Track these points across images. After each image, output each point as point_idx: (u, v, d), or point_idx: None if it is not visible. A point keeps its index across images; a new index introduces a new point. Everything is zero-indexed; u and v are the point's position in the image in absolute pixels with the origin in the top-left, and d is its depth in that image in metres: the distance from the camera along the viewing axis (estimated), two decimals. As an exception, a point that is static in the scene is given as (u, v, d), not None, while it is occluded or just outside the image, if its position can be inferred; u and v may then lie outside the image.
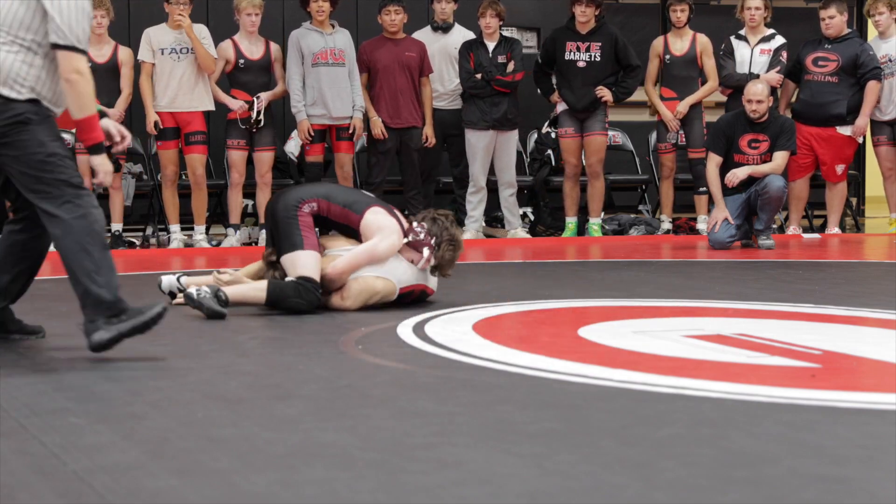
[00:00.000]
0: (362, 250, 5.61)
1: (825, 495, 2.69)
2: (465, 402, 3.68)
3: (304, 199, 5.66)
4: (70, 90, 4.36)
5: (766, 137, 8.98)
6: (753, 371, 4.17)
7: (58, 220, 4.33)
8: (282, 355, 4.56)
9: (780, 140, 8.97)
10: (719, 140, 9.08)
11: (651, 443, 3.13)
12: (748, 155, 8.99)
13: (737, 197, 8.98)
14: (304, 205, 5.64)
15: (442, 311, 5.56)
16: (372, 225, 5.66)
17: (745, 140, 8.99)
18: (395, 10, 9.53)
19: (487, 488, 2.73)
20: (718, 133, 9.14)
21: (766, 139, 8.98)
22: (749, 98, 8.95)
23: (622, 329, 5.08)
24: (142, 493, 2.73)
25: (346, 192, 5.94)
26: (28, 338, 4.81)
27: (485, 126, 9.81)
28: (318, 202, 5.69)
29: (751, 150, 8.99)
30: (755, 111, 8.91)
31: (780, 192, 8.90)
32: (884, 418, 3.45)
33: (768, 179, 8.89)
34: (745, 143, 8.99)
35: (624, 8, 12.24)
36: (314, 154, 9.64)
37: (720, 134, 9.11)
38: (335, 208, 5.71)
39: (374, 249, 5.61)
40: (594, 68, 9.87)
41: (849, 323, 5.35)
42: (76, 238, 4.30)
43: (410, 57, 9.63)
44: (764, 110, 8.93)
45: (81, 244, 4.29)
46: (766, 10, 10.11)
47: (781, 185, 8.91)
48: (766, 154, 8.99)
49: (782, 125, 9.04)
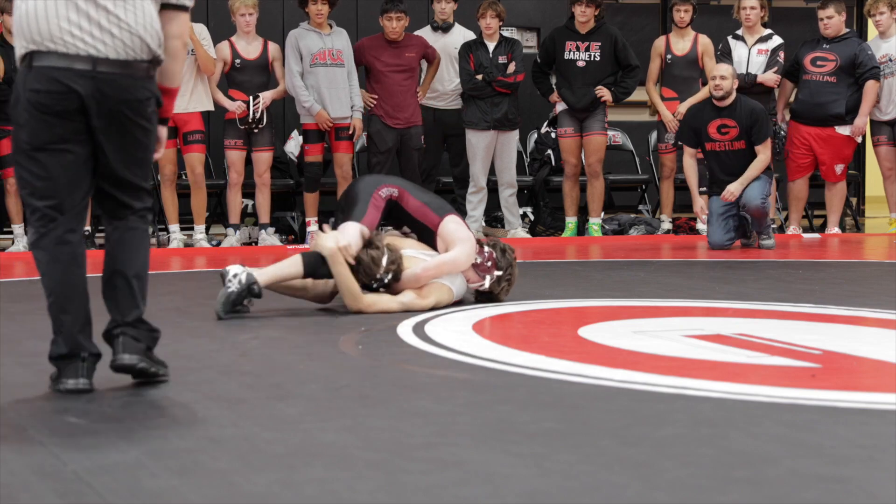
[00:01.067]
0: (449, 260, 5.66)
1: (825, 495, 2.69)
2: (464, 402, 3.68)
3: (384, 183, 5.78)
4: (179, 55, 3.90)
5: (734, 123, 8.91)
6: (753, 371, 4.17)
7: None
8: (282, 355, 4.56)
9: (755, 132, 8.86)
10: (688, 132, 9.09)
11: (651, 443, 3.13)
12: (718, 141, 8.93)
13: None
14: (383, 188, 5.75)
15: (442, 312, 5.56)
16: (454, 234, 5.72)
17: (714, 126, 8.95)
18: (396, 17, 9.50)
19: (487, 488, 2.73)
20: (685, 125, 9.17)
21: (735, 125, 8.91)
22: (713, 74, 8.98)
23: (622, 329, 5.08)
24: (142, 493, 2.73)
25: (422, 189, 6.03)
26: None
27: (485, 126, 9.81)
28: (398, 189, 5.79)
29: (720, 136, 8.94)
30: (719, 87, 8.87)
31: (760, 207, 8.83)
32: (884, 418, 3.45)
33: (745, 196, 8.84)
34: (714, 130, 8.95)
35: (624, 8, 12.24)
36: (313, 154, 9.63)
37: (686, 125, 9.15)
38: (413, 201, 5.80)
39: (457, 260, 5.68)
40: (593, 68, 9.88)
41: (849, 323, 5.35)
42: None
43: (410, 58, 9.63)
44: (728, 87, 8.88)
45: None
46: (763, 10, 10.11)
47: (758, 200, 8.81)
48: (737, 140, 8.92)
49: (752, 112, 8.92)
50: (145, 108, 3.74)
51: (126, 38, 3.68)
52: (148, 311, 3.92)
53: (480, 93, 9.79)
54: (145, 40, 3.70)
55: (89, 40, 3.66)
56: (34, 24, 3.64)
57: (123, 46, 3.68)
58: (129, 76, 3.69)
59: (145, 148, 3.79)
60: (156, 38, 3.75)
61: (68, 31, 3.64)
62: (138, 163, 3.78)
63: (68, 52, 3.64)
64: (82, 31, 3.65)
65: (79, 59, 3.65)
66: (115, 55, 3.67)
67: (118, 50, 3.67)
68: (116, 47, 3.67)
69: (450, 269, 5.68)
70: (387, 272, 5.50)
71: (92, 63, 3.65)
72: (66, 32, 3.64)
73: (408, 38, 9.67)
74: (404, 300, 5.55)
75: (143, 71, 3.73)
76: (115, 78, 3.66)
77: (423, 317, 5.38)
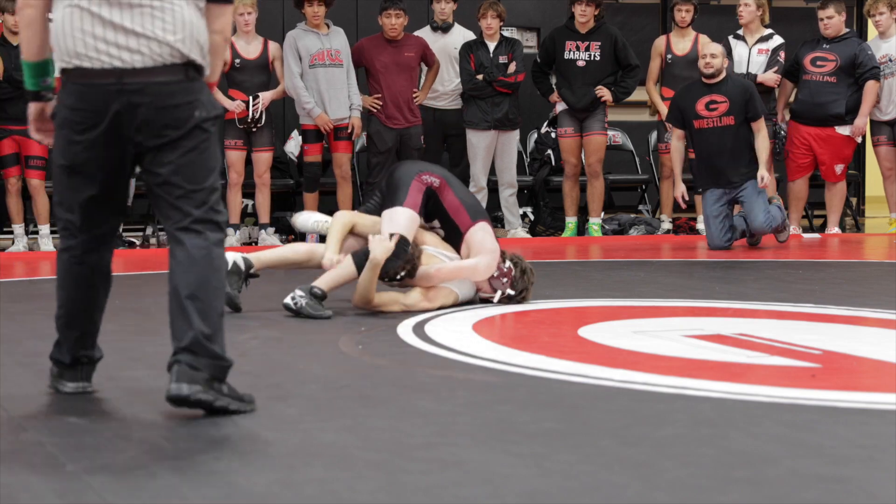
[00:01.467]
0: (467, 267, 5.65)
1: (825, 495, 2.69)
2: (464, 401, 3.68)
3: (429, 171, 5.77)
4: (220, 50, 3.67)
5: (723, 98, 8.87)
6: (753, 371, 4.17)
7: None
8: (282, 355, 4.56)
9: (750, 107, 8.80)
10: (675, 111, 9.06)
11: (651, 443, 3.13)
12: (706, 118, 8.90)
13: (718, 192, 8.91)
14: (426, 174, 5.73)
15: (442, 312, 5.56)
16: (481, 243, 5.68)
17: (703, 103, 8.91)
18: (395, 14, 9.50)
19: (487, 488, 2.73)
20: (673, 105, 9.14)
21: (725, 100, 8.85)
22: (703, 53, 8.96)
23: (622, 329, 5.08)
24: (142, 493, 2.73)
25: (463, 188, 5.97)
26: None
27: (486, 126, 9.81)
28: (440, 180, 5.75)
29: (709, 112, 8.90)
30: (709, 65, 8.85)
31: (765, 228, 8.83)
32: (884, 418, 3.45)
33: (750, 219, 8.82)
34: (703, 106, 8.91)
35: (624, 8, 12.24)
36: (312, 154, 9.63)
37: (674, 105, 9.11)
38: (452, 197, 5.75)
39: (476, 269, 5.66)
40: (593, 68, 9.87)
41: (849, 323, 5.35)
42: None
43: (409, 57, 9.63)
44: (718, 65, 8.85)
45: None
46: (760, 9, 10.10)
47: (762, 222, 8.79)
48: (726, 116, 8.86)
49: (743, 88, 8.89)
50: (183, 113, 3.50)
51: (154, 46, 3.50)
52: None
53: (481, 93, 9.79)
54: (175, 46, 3.51)
55: (114, 52, 3.50)
56: (62, 41, 3.52)
57: (151, 53, 3.50)
58: (161, 83, 3.50)
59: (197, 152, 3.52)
60: (190, 41, 3.53)
61: (93, 47, 3.50)
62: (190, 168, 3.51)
63: (93, 66, 3.50)
64: (108, 45, 3.49)
65: (104, 74, 3.50)
66: (142, 63, 3.50)
67: (144, 58, 3.50)
68: (143, 56, 3.50)
69: (466, 276, 5.67)
70: (401, 274, 5.49)
71: (118, 75, 3.49)
72: (91, 48, 3.50)
73: (407, 37, 9.67)
74: (408, 302, 5.54)
75: (179, 75, 3.52)
76: (144, 87, 3.48)
77: (424, 317, 5.38)
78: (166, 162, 3.50)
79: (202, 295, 3.47)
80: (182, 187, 3.51)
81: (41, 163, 9.15)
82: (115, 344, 4.60)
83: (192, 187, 3.51)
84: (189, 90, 3.53)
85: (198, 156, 3.52)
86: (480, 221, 5.74)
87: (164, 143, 3.50)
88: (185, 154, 3.51)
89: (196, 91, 3.54)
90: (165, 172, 3.50)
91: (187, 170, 3.51)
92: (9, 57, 9.00)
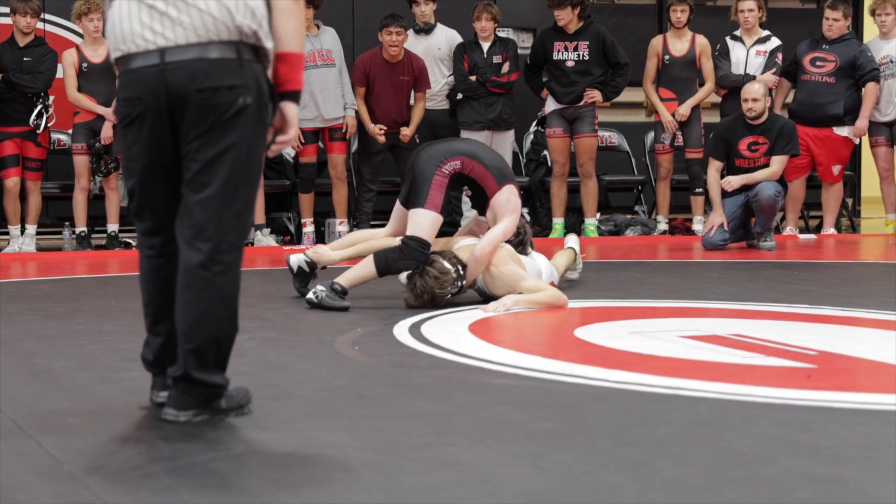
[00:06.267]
0: (498, 233, 5.80)
1: (821, 495, 2.69)
2: (461, 402, 3.69)
3: (447, 158, 5.83)
4: (289, 11, 3.35)
5: (765, 140, 8.95)
6: (749, 371, 4.17)
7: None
8: (279, 356, 4.56)
9: (779, 143, 8.93)
10: (718, 145, 9.06)
11: (648, 443, 3.14)
12: (748, 158, 8.95)
13: (736, 198, 8.97)
14: (446, 163, 5.82)
15: (438, 312, 5.57)
16: (504, 205, 5.85)
17: (745, 143, 8.97)
18: (396, 31, 9.43)
19: (484, 488, 2.74)
20: (717, 139, 9.12)
21: (766, 142, 8.95)
22: (745, 97, 8.95)
23: (618, 329, 5.08)
24: (138, 493, 2.73)
25: (494, 155, 6.09)
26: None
27: (480, 127, 9.80)
28: (461, 160, 5.85)
29: (751, 153, 8.96)
30: (751, 109, 8.90)
31: (772, 200, 8.84)
32: (880, 418, 3.46)
33: (760, 187, 8.86)
34: (745, 147, 8.96)
35: (620, 9, 12.24)
36: (307, 155, 9.63)
37: (719, 139, 9.10)
38: (479, 168, 5.87)
39: (507, 231, 5.83)
40: (583, 67, 9.87)
41: (844, 323, 5.36)
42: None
43: (404, 81, 9.59)
44: (760, 108, 8.91)
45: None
46: (761, 11, 10.12)
47: (772, 193, 8.83)
48: (767, 156, 8.96)
49: (781, 127, 9.00)
50: (227, 98, 3.22)
51: (196, 20, 3.24)
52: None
53: (474, 93, 9.79)
54: (221, 20, 3.24)
55: (158, 28, 3.26)
56: (113, 29, 3.38)
57: (194, 29, 3.23)
58: (204, 60, 3.23)
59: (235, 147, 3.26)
60: (241, 15, 3.26)
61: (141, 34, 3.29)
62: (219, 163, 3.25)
63: (139, 49, 3.29)
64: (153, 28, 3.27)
65: (148, 55, 3.27)
66: (185, 40, 3.23)
67: (188, 34, 3.24)
68: (187, 32, 3.24)
69: (501, 240, 5.82)
70: (457, 280, 5.66)
71: (160, 55, 3.25)
72: (139, 35, 3.30)
73: (407, 57, 9.58)
74: (524, 298, 5.69)
75: (227, 52, 3.24)
76: (186, 64, 3.22)
77: (420, 317, 5.39)
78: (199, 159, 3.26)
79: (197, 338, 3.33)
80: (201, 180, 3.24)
81: (37, 164, 9.17)
82: (113, 344, 4.60)
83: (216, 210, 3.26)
84: (240, 73, 3.25)
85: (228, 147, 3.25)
86: (506, 185, 5.87)
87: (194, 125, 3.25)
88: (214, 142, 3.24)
89: (250, 75, 3.26)
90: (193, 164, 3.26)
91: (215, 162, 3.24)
92: (12, 57, 8.99)
